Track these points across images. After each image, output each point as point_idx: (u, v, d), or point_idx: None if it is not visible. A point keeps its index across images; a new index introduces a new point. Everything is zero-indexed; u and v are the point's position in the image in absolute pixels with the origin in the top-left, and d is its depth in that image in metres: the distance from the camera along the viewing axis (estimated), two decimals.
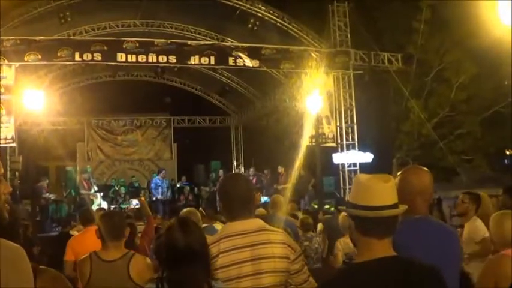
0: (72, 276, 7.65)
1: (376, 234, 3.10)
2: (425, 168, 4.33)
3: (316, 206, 21.17)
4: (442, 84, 24.91)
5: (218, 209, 10.07)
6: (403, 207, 3.20)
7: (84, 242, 8.29)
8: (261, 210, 10.99)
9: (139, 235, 9.94)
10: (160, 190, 26.89)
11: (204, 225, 8.41)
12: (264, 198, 19.39)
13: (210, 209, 10.97)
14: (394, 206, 3.14)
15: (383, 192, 3.13)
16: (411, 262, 3.09)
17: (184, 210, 8.41)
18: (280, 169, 24.41)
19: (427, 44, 24.34)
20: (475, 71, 22.98)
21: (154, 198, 26.33)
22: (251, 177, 24.12)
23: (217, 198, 4.58)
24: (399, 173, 4.26)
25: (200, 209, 12.71)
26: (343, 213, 10.72)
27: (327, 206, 21.58)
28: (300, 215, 13.34)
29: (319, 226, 13.70)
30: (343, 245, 10.21)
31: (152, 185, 27.50)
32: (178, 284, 3.79)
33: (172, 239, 3.90)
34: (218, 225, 8.58)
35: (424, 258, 3.11)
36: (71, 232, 15.07)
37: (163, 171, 28.29)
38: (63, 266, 8.48)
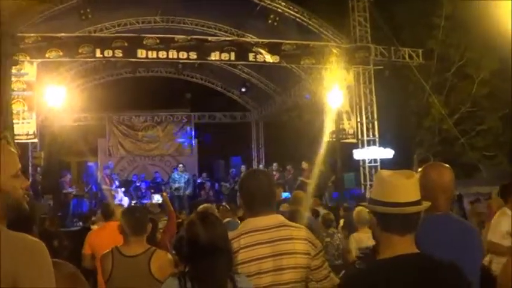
0: (91, 268, 7.73)
1: (398, 230, 3.09)
2: (447, 165, 4.32)
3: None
4: (463, 80, 24.80)
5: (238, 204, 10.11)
6: (426, 204, 3.18)
7: (102, 236, 8.35)
8: (285, 206, 10.98)
9: (161, 231, 9.98)
10: (177, 185, 26.97)
11: (227, 219, 8.46)
12: (285, 194, 19.33)
13: (233, 204, 11.04)
14: (417, 203, 3.13)
15: (406, 188, 3.11)
16: (433, 259, 3.07)
17: (201, 206, 8.43)
18: (304, 164, 24.36)
19: (448, 40, 24.23)
20: (496, 67, 22.84)
21: (174, 194, 26.40)
22: (274, 173, 24.17)
23: (238, 193, 4.59)
24: (420, 169, 4.25)
25: (224, 203, 12.76)
26: (358, 208, 10.74)
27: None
28: (322, 210, 13.31)
29: (341, 222, 13.69)
30: (357, 239, 10.22)
31: (170, 180, 27.60)
32: (201, 279, 3.81)
33: (193, 234, 3.91)
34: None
35: (445, 256, 3.09)
36: (92, 227, 15.19)
37: (181, 166, 28.36)
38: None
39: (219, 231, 3.96)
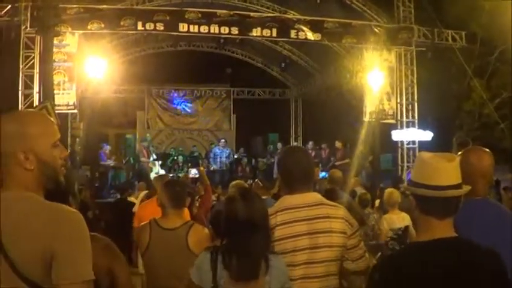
0: None
1: (437, 214, 3.08)
2: (487, 150, 4.28)
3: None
4: (505, 65, 24.48)
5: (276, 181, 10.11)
6: (466, 188, 3.16)
7: (148, 209, 8.42)
8: (324, 184, 10.99)
9: (197, 204, 10.05)
10: (218, 160, 27.10)
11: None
12: (321, 174, 19.30)
13: (267, 181, 11.04)
14: (458, 186, 3.11)
15: (447, 171, 3.09)
16: (471, 244, 3.07)
17: (233, 183, 8.45)
18: (338, 144, 24.33)
19: (492, 23, 23.93)
20: None
21: (212, 168, 26.51)
22: (310, 151, 24.13)
23: (276, 170, 4.59)
24: (459, 153, 4.21)
25: (256, 180, 12.73)
26: (389, 190, 10.75)
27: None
28: (360, 190, 13.28)
29: (376, 203, 13.65)
30: (389, 220, 10.23)
31: (211, 154, 27.70)
32: (236, 254, 3.84)
33: (233, 209, 3.94)
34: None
35: (482, 241, 3.08)
36: (129, 199, 15.34)
37: (223, 141, 28.47)
38: (119, 230, 8.64)
39: (258, 208, 3.98)
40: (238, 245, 3.85)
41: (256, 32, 22.19)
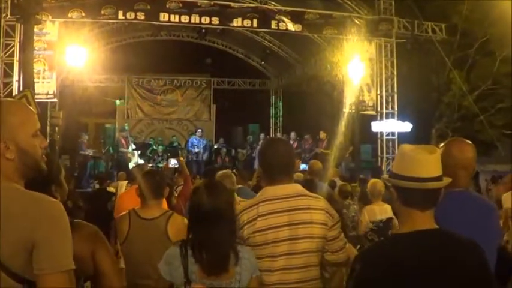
0: None
1: (419, 205, 3.09)
2: (469, 142, 4.30)
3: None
4: (485, 57, 24.66)
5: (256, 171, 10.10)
6: (447, 180, 3.18)
7: (127, 199, 8.40)
8: (298, 175, 10.97)
9: (176, 195, 10.03)
10: (195, 150, 27.06)
11: (238, 186, 8.46)
12: (302, 166, 19.30)
13: (244, 171, 11.04)
14: (439, 178, 3.12)
15: (428, 163, 3.11)
16: (452, 235, 3.09)
17: (220, 172, 8.44)
18: (322, 134, 24.40)
19: (472, 15, 24.04)
20: None
21: (191, 159, 26.46)
22: (292, 142, 24.17)
23: (257, 161, 4.59)
24: (442, 145, 4.22)
25: (234, 170, 12.74)
26: (373, 181, 10.77)
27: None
28: (339, 181, 13.33)
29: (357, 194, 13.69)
30: (370, 212, 10.25)
31: (189, 143, 27.66)
32: (204, 246, 3.86)
33: (197, 200, 3.96)
34: None
35: (463, 232, 3.11)
36: (108, 189, 15.31)
37: (199, 131, 28.40)
38: (98, 221, 8.59)
39: (224, 199, 4.01)
40: (204, 237, 3.87)
41: (237, 23, 22.20)
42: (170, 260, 3.93)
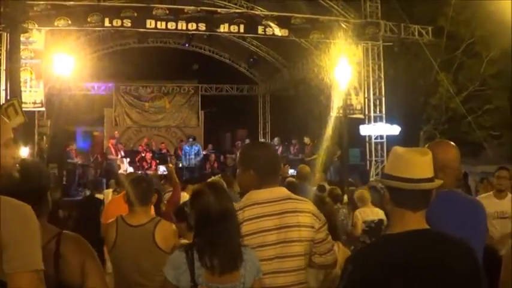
0: None
1: (411, 206, 3.13)
2: (452, 143, 4.33)
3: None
4: (472, 59, 24.77)
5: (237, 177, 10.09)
6: (438, 181, 3.23)
7: (114, 206, 8.39)
8: (290, 180, 11.00)
9: (165, 202, 10.02)
10: (187, 157, 27.08)
11: None
12: (291, 171, 19.27)
13: (230, 176, 11.02)
14: (431, 180, 3.17)
15: (421, 165, 3.16)
16: (443, 236, 3.13)
17: (209, 180, 8.44)
18: (306, 140, 24.44)
19: (458, 17, 24.14)
20: (506, 46, 22.74)
21: (180, 165, 26.47)
22: (276, 147, 24.16)
23: (240, 165, 4.53)
24: (425, 146, 4.24)
25: (219, 175, 12.72)
26: (359, 191, 10.90)
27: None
28: (327, 186, 13.35)
29: (344, 198, 13.71)
30: (362, 214, 10.33)
31: (181, 152, 27.67)
32: (211, 249, 3.84)
33: (206, 203, 3.94)
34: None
35: (453, 230, 3.15)
36: (97, 196, 15.25)
37: (190, 140, 28.45)
38: (88, 228, 8.56)
39: (228, 198, 4.03)
40: (215, 236, 3.86)
41: (223, 28, 22.26)
42: (177, 265, 3.90)
